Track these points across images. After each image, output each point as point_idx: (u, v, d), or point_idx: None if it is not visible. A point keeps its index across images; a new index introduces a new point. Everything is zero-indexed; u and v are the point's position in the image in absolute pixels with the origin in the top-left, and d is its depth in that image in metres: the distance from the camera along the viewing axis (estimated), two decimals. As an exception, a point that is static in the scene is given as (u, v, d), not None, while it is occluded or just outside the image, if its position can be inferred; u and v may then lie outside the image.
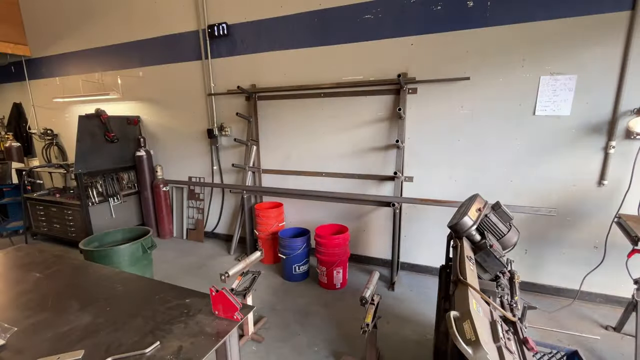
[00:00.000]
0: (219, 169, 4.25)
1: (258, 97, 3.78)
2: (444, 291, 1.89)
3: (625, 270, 2.39)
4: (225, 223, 4.41)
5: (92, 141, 4.12)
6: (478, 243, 1.63)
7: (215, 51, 3.89)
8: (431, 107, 3.05)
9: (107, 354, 1.14)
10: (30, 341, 1.23)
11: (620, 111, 2.50)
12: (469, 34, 2.79)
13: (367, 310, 1.90)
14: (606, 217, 2.63)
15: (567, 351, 1.72)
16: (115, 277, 1.73)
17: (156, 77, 4.35)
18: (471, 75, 2.85)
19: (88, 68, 4.85)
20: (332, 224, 3.42)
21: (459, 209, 1.89)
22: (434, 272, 3.33)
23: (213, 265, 3.71)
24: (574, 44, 2.53)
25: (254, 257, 2.46)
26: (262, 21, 3.55)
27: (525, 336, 1.15)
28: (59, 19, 4.88)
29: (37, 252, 2.04)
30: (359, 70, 3.24)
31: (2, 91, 6.04)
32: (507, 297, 1.43)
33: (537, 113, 2.72)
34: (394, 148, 3.24)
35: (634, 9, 2.35)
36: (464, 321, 1.02)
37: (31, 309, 1.44)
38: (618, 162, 2.58)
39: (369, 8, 3.07)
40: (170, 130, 4.48)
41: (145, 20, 4.19)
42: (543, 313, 2.68)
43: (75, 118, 4.09)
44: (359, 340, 2.39)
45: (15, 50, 5.20)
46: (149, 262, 3.06)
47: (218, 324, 1.28)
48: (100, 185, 4.21)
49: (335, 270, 3.09)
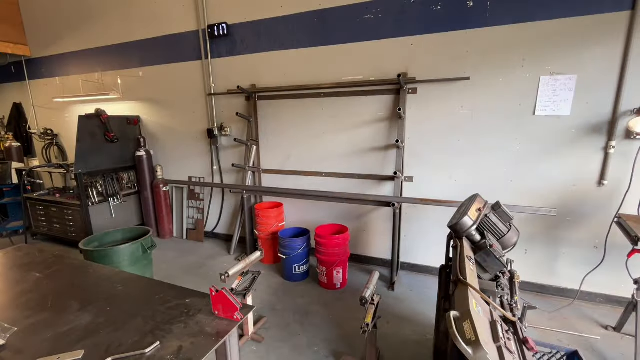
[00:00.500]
0: (219, 169, 4.25)
1: (258, 97, 3.78)
2: (444, 291, 1.89)
3: (625, 270, 2.39)
4: (225, 223, 4.41)
5: (92, 141, 4.12)
6: (478, 243, 1.63)
7: (215, 51, 3.89)
8: (431, 107, 3.06)
9: (107, 354, 1.14)
10: (30, 341, 1.23)
11: (620, 111, 2.50)
12: (469, 34, 2.80)
13: (367, 310, 1.90)
14: (606, 217, 2.63)
15: (567, 351, 1.72)
16: (115, 277, 1.73)
17: (156, 77, 4.35)
18: (471, 75, 2.85)
19: (88, 68, 4.85)
20: (332, 224, 3.42)
21: (459, 209, 1.89)
22: (434, 272, 3.33)
23: (213, 265, 3.72)
24: (574, 44, 2.53)
25: (254, 257, 2.46)
26: (262, 21, 3.55)
27: (525, 336, 1.15)
28: (59, 19, 4.89)
29: (37, 252, 2.04)
30: (359, 70, 3.24)
31: (2, 91, 6.04)
32: (507, 297, 1.43)
33: (537, 113, 2.72)
34: (394, 148, 3.24)
35: (634, 9, 2.35)
36: (464, 321, 1.02)
37: (31, 309, 1.44)
38: (618, 162, 2.58)
39: (369, 8, 3.07)
40: (170, 130, 4.49)
41: (145, 20, 4.19)
42: (543, 313, 2.68)
43: (75, 118, 4.09)
44: (359, 340, 2.39)
45: (15, 50, 5.20)
46: (149, 262, 3.06)
47: (218, 324, 1.28)
48: (100, 185, 4.21)
49: (335, 270, 3.09)
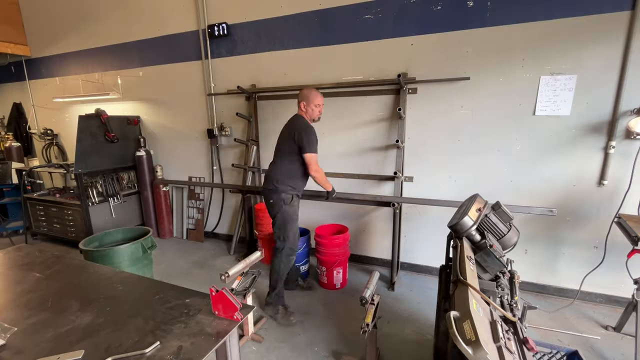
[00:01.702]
0: (219, 169, 4.25)
1: (258, 97, 3.78)
2: (444, 291, 1.89)
3: (625, 270, 2.39)
4: (225, 223, 4.41)
5: (92, 141, 4.12)
6: (478, 243, 1.63)
7: (215, 51, 3.89)
8: (431, 107, 3.05)
9: (107, 354, 1.13)
10: (30, 341, 1.23)
11: (620, 111, 2.50)
12: (469, 34, 2.79)
13: (367, 310, 1.90)
14: (606, 217, 2.63)
15: (567, 351, 1.71)
16: (115, 277, 1.73)
17: (156, 77, 4.35)
18: (471, 75, 2.85)
19: (88, 68, 4.85)
20: (332, 224, 3.42)
21: (459, 209, 1.89)
22: (434, 272, 3.32)
23: (213, 265, 3.71)
24: (574, 44, 2.53)
25: (254, 257, 2.46)
26: (262, 21, 3.55)
27: (525, 336, 1.15)
28: (59, 19, 4.88)
29: (37, 252, 2.04)
30: (359, 70, 3.24)
31: (2, 91, 6.04)
32: (507, 297, 1.43)
33: (537, 113, 2.72)
34: (394, 148, 3.24)
35: (634, 9, 2.35)
36: (464, 321, 1.02)
37: (31, 309, 1.44)
38: (618, 162, 2.58)
39: (369, 8, 3.07)
40: (170, 130, 4.49)
41: (145, 20, 4.19)
42: (543, 313, 2.68)
43: (75, 118, 4.09)
44: (359, 340, 2.39)
45: (15, 50, 5.20)
46: (149, 262, 3.06)
47: (218, 324, 1.28)
48: (100, 185, 4.21)
49: (335, 270, 3.09)
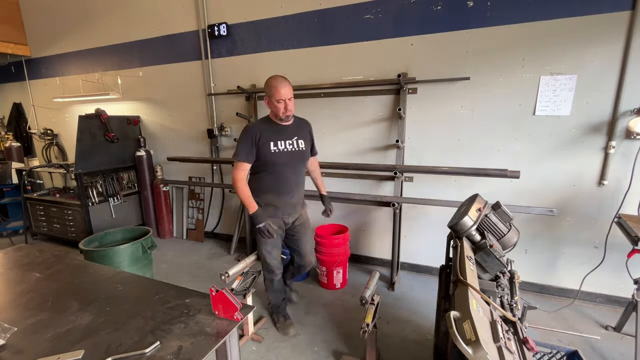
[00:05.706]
0: (219, 169, 4.25)
1: (258, 97, 3.78)
2: (444, 291, 1.89)
3: (625, 270, 2.39)
4: (225, 223, 4.41)
5: (92, 141, 4.12)
6: (478, 243, 1.63)
7: (215, 51, 3.89)
8: (431, 107, 3.05)
9: (107, 354, 1.13)
10: (30, 341, 1.23)
11: (620, 111, 2.50)
12: (469, 34, 2.79)
13: (367, 310, 1.90)
14: (606, 217, 2.63)
15: (567, 351, 1.71)
16: (115, 277, 1.73)
17: (156, 77, 4.35)
18: (471, 75, 2.85)
19: (88, 68, 4.85)
20: (332, 224, 3.42)
21: (459, 209, 1.90)
22: (434, 272, 3.32)
23: (213, 265, 3.71)
24: (574, 44, 2.53)
25: (254, 257, 2.46)
26: (262, 21, 3.55)
27: (525, 336, 1.15)
28: (59, 19, 4.88)
29: (37, 252, 2.04)
30: (359, 70, 3.24)
31: (2, 91, 6.04)
32: (507, 297, 1.43)
33: (537, 113, 2.72)
34: (394, 148, 3.24)
35: (634, 9, 2.35)
36: (464, 321, 1.02)
37: (31, 309, 1.44)
38: (618, 162, 2.58)
39: (369, 8, 3.07)
40: (170, 130, 4.48)
41: (145, 20, 4.19)
42: (543, 313, 2.68)
43: (75, 118, 4.09)
44: (359, 340, 2.38)
45: (15, 50, 5.20)
46: (149, 262, 3.06)
47: (218, 324, 1.28)
48: (100, 185, 4.21)
49: (335, 270, 3.09)
